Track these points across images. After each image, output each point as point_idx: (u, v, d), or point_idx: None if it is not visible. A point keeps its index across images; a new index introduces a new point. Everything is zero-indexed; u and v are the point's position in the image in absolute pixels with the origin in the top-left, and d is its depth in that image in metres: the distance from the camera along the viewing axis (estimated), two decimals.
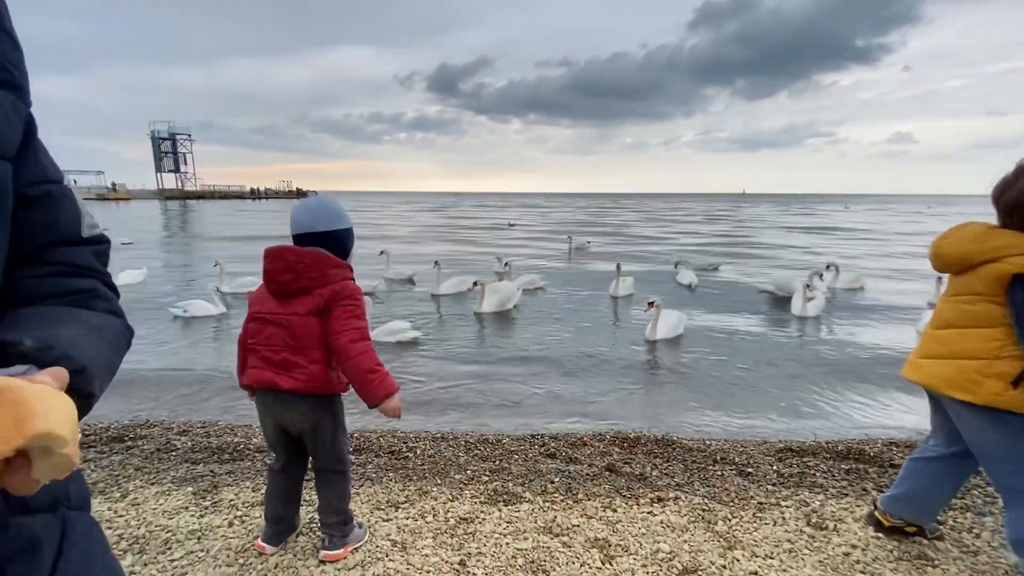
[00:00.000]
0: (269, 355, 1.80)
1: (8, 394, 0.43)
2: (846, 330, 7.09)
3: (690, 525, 2.24)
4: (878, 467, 2.92)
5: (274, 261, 1.78)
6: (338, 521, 1.98)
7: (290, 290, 1.78)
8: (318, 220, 1.82)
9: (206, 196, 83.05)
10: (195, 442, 3.28)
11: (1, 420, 0.42)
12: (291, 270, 1.76)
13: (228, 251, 15.26)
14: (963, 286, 1.72)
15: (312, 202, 1.89)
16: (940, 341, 1.79)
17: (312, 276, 1.77)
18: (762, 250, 17.52)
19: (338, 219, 1.86)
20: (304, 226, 1.82)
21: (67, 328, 0.60)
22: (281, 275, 1.77)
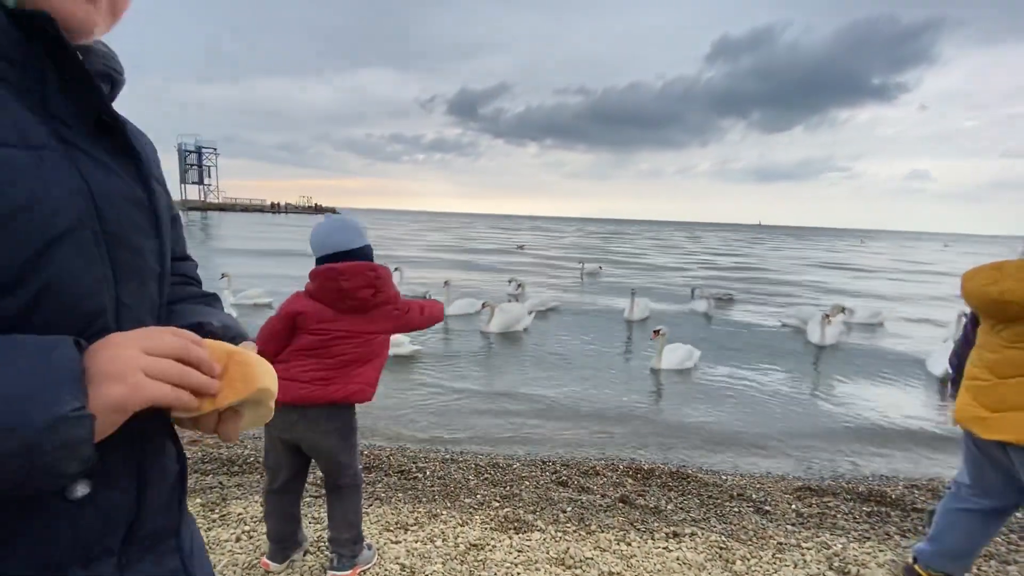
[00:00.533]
0: (327, 369, 1.79)
1: (238, 356, 0.54)
2: (863, 366, 6.95)
3: (707, 563, 2.17)
4: (900, 511, 2.82)
5: (353, 279, 1.79)
6: (350, 538, 1.95)
7: (369, 305, 1.81)
8: (352, 239, 1.85)
9: (227, 208, 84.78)
10: (205, 452, 3.28)
11: (233, 377, 0.53)
12: (371, 286, 1.80)
13: (239, 264, 15.47)
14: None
15: (338, 222, 1.90)
16: (1019, 391, 1.67)
17: (388, 291, 1.84)
18: (778, 286, 17.36)
19: (363, 236, 1.90)
20: (340, 245, 1.84)
21: (226, 317, 0.72)
22: (363, 291, 1.79)
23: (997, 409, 1.71)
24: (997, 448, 1.75)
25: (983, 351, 1.80)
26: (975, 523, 1.90)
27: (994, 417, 1.71)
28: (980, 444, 1.82)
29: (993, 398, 1.72)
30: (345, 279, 1.79)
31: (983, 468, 1.86)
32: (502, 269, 17.48)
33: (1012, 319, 1.67)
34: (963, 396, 1.83)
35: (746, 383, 6.00)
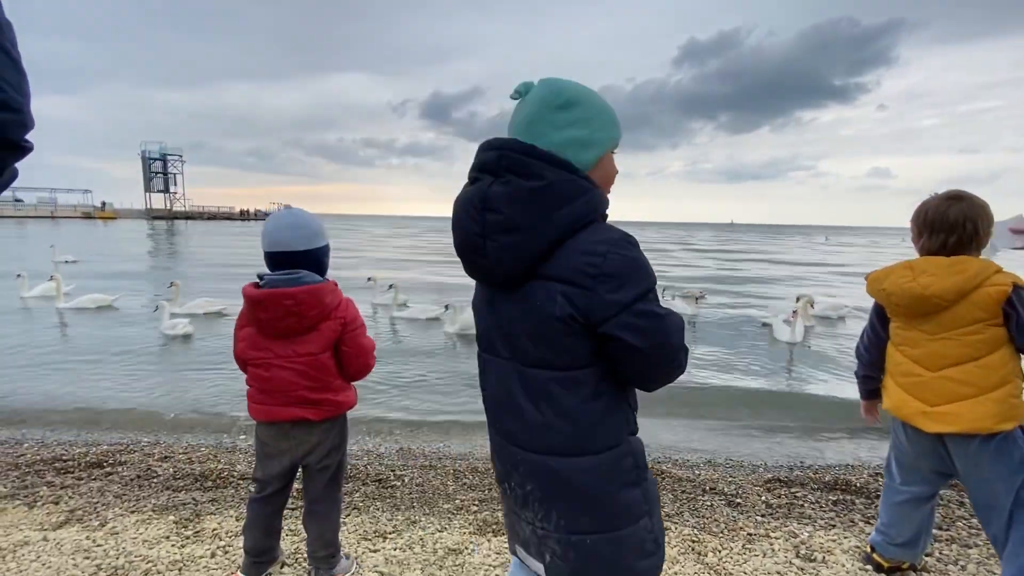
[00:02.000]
0: (289, 396, 1.75)
1: None
2: (830, 358, 7.19)
3: (680, 557, 2.24)
4: (865, 498, 2.94)
5: (268, 309, 1.68)
6: (327, 554, 1.95)
7: (296, 331, 1.73)
8: (297, 239, 1.72)
9: (194, 217, 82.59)
10: (177, 468, 3.21)
11: None
12: (292, 314, 1.69)
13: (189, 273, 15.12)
14: (958, 319, 1.69)
15: (289, 218, 1.76)
16: (960, 380, 1.71)
17: (314, 314, 1.72)
18: (750, 284, 17.79)
19: (317, 237, 1.77)
20: (282, 244, 1.72)
21: None
22: (282, 322, 1.70)
23: (936, 403, 1.77)
24: (934, 439, 1.83)
25: (904, 347, 1.85)
26: (913, 511, 1.99)
27: (936, 411, 1.77)
28: (915, 436, 1.89)
29: (930, 392, 1.78)
30: (261, 310, 1.69)
31: (914, 458, 1.94)
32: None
33: (930, 313, 1.74)
34: (898, 393, 1.88)
35: (719, 379, 6.15)
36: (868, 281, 1.93)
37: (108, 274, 14.65)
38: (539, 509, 1.05)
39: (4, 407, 4.86)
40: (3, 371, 5.94)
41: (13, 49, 1.24)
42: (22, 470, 3.14)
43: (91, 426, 4.45)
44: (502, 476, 1.13)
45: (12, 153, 1.29)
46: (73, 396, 5.21)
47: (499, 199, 0.96)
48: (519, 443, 1.06)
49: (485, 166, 1.00)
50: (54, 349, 7.02)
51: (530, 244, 0.95)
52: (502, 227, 0.95)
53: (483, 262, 1.00)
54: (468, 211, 1.00)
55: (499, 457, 1.13)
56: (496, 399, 1.11)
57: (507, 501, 1.14)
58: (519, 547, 1.15)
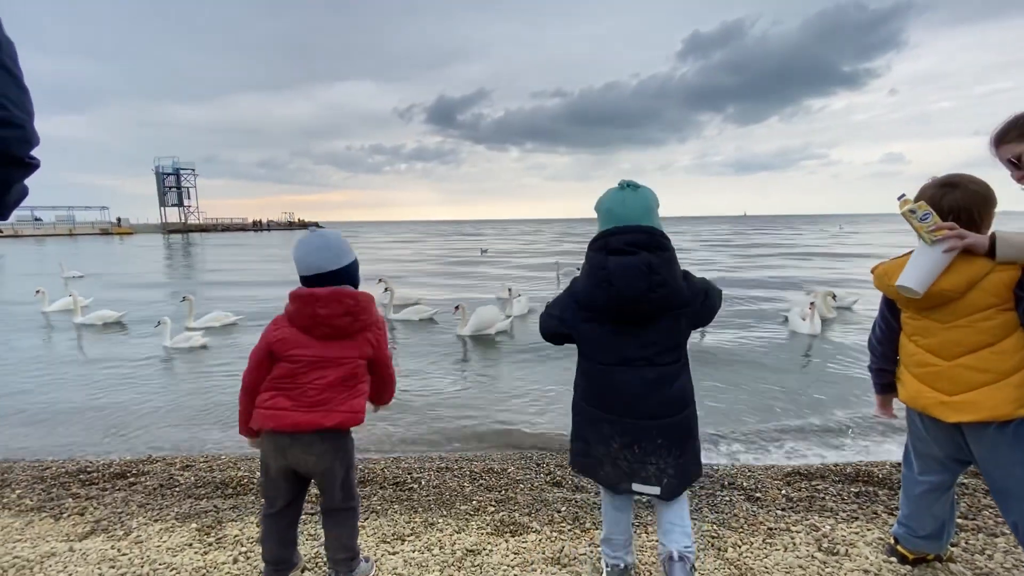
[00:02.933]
0: (309, 397, 1.77)
1: None
2: (846, 349, 7.09)
3: (700, 552, 2.21)
4: (888, 489, 2.89)
5: (330, 305, 1.75)
6: (346, 558, 1.96)
7: (346, 332, 1.79)
8: (329, 259, 1.81)
9: (208, 229, 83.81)
10: (198, 477, 3.26)
11: None
12: (350, 313, 1.77)
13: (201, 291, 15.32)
14: (970, 306, 1.67)
15: (319, 240, 1.84)
16: (977, 368, 1.68)
17: (364, 319, 1.81)
18: (767, 273, 17.59)
19: (346, 254, 1.86)
20: (315, 267, 1.80)
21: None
22: (339, 319, 1.76)
23: (954, 392, 1.73)
24: (951, 427, 1.79)
25: (917, 337, 1.81)
26: (934, 502, 1.96)
27: (954, 400, 1.73)
28: (931, 426, 1.86)
29: (947, 381, 1.74)
30: (322, 306, 1.75)
31: (931, 448, 1.90)
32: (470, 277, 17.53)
33: (941, 304, 1.71)
34: (914, 384, 1.84)
35: (733, 371, 6.09)
36: (875, 275, 1.88)
37: (124, 286, 14.94)
38: (665, 452, 1.67)
39: (27, 419, 4.97)
40: (26, 383, 6.08)
41: (14, 67, 1.26)
42: (48, 482, 3.21)
43: (112, 437, 4.54)
44: (626, 444, 1.68)
45: (18, 169, 1.30)
46: (90, 408, 5.31)
47: (658, 266, 1.56)
48: (656, 415, 1.66)
49: (639, 243, 1.57)
50: (71, 361, 7.17)
51: (675, 296, 1.61)
52: (660, 283, 1.56)
53: (644, 307, 1.58)
54: (635, 272, 1.54)
55: (625, 434, 1.67)
56: (629, 394, 1.65)
57: (624, 462, 1.69)
58: (636, 484, 1.70)
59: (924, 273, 1.66)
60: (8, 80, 1.24)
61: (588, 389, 1.74)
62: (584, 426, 1.78)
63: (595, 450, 1.75)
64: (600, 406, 1.70)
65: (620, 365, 1.65)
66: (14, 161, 1.24)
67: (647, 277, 1.54)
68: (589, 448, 1.77)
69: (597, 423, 1.72)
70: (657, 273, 1.55)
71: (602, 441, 1.72)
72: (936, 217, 1.64)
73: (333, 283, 1.80)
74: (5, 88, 1.22)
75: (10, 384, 6.16)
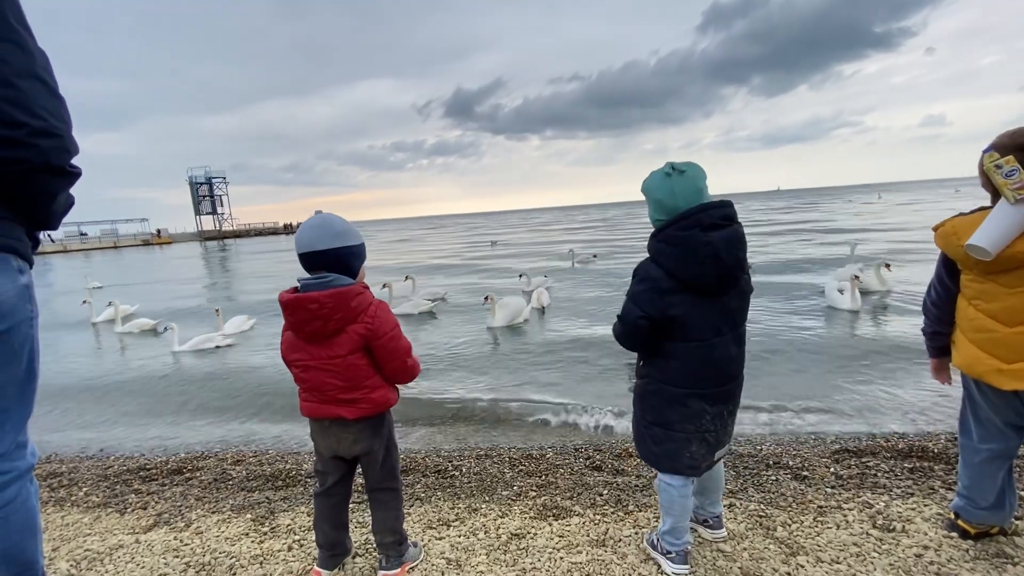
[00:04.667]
0: (326, 395, 1.81)
1: None
2: (888, 322, 6.82)
3: (748, 532, 2.18)
4: (944, 464, 2.78)
5: (295, 313, 1.73)
6: (394, 541, 2.01)
7: (323, 334, 1.76)
8: (319, 237, 1.75)
9: (242, 235, 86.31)
10: (249, 471, 3.39)
11: None
12: (317, 318, 1.72)
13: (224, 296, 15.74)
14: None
15: (314, 220, 1.81)
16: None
17: (339, 317, 1.73)
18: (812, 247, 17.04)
19: (341, 236, 1.78)
20: (306, 244, 1.76)
21: None
22: (308, 325, 1.73)
23: (1013, 360, 1.66)
24: (1009, 394, 1.72)
25: (979, 301, 1.73)
26: (997, 471, 1.88)
27: (1012, 368, 1.66)
28: (989, 392, 1.78)
29: (1006, 348, 1.67)
30: (289, 313, 1.76)
31: (990, 415, 1.83)
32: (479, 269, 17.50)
33: (1012, 268, 1.62)
34: (970, 350, 1.77)
35: (775, 348, 5.94)
36: (939, 234, 1.78)
37: (165, 297, 15.56)
38: (736, 408, 1.87)
39: (86, 423, 5.26)
40: (76, 387, 6.43)
41: (49, 78, 1.27)
42: (111, 480, 3.39)
43: (166, 436, 4.76)
44: (717, 414, 1.79)
45: (60, 178, 1.32)
46: (140, 409, 5.58)
47: (744, 235, 1.70)
48: (736, 375, 1.81)
49: (731, 216, 1.67)
50: (112, 369, 7.53)
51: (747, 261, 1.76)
52: (746, 251, 1.72)
53: (738, 273, 1.69)
54: (736, 243, 1.65)
55: (716, 403, 1.77)
56: (723, 362, 1.74)
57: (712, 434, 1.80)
58: (719, 452, 1.86)
59: (1001, 233, 1.57)
60: (44, 91, 1.24)
61: (679, 369, 1.75)
62: (665, 409, 1.79)
63: (681, 430, 1.78)
64: (694, 383, 1.75)
65: (716, 336, 1.72)
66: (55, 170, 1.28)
67: (741, 245, 1.68)
68: (672, 432, 1.80)
69: (685, 401, 1.76)
70: (744, 240, 1.70)
71: (691, 418, 1.76)
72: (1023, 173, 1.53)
73: (322, 266, 1.77)
74: (42, 99, 1.23)
75: (62, 388, 6.52)
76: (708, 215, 1.63)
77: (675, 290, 1.66)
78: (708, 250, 1.60)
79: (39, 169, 1.24)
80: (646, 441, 1.89)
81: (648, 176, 1.75)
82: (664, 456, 1.84)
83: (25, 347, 1.32)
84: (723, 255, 1.61)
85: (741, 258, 1.68)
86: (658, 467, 1.89)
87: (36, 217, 1.34)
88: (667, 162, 1.72)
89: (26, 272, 1.33)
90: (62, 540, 2.52)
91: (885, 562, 1.93)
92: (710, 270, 1.62)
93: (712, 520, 2.12)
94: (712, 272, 1.63)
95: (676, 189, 1.65)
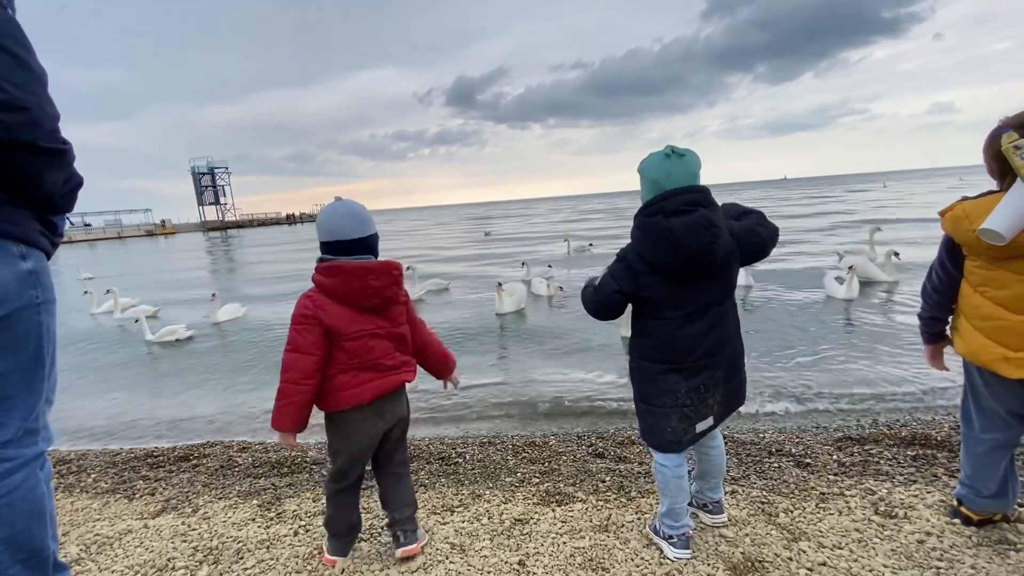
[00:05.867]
0: (388, 364, 1.89)
1: None
2: (888, 311, 6.79)
3: (750, 518, 2.19)
4: (948, 451, 2.78)
5: (382, 277, 1.81)
6: (411, 514, 2.06)
7: (392, 302, 1.88)
8: (355, 227, 1.80)
9: (245, 225, 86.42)
10: (255, 458, 3.42)
11: None
12: (396, 283, 1.86)
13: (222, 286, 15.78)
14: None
15: (342, 208, 1.82)
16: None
17: (401, 286, 1.91)
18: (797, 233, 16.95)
19: (370, 224, 1.87)
20: (340, 234, 1.79)
21: None
22: (388, 289, 1.83)
23: (1020, 348, 1.64)
24: (1015, 383, 1.70)
25: (986, 288, 1.70)
26: (999, 460, 1.88)
27: (1019, 356, 1.64)
28: (993, 381, 1.77)
29: (1014, 336, 1.65)
30: (375, 278, 1.79)
31: (993, 404, 1.82)
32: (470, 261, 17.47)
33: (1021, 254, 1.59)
34: (976, 337, 1.75)
35: (776, 337, 5.93)
36: (947, 217, 1.74)
37: (164, 286, 15.62)
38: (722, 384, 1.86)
39: (93, 413, 5.31)
40: (82, 378, 6.48)
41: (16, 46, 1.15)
42: (119, 467, 3.43)
43: (172, 424, 4.80)
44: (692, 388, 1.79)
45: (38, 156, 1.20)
46: (146, 397, 5.63)
47: (716, 220, 1.67)
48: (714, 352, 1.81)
49: (698, 201, 1.66)
50: (116, 357, 7.58)
51: (730, 243, 1.74)
52: (719, 235, 1.67)
53: (710, 260, 1.68)
54: (698, 229, 1.62)
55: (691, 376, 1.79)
56: (695, 338, 1.76)
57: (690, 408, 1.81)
58: (699, 424, 1.85)
59: (1017, 218, 1.51)
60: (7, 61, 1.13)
61: (652, 346, 1.81)
62: (647, 385, 1.85)
63: (660, 404, 1.82)
64: (667, 359, 1.79)
65: (686, 317, 1.76)
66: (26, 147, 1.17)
67: (709, 231, 1.64)
68: (652, 408, 1.84)
69: (663, 376, 1.80)
70: (716, 226, 1.66)
71: (667, 393, 1.80)
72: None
73: (358, 251, 1.81)
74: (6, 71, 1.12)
75: (71, 380, 6.57)
76: (672, 202, 1.65)
77: (647, 272, 1.73)
78: (667, 236, 1.64)
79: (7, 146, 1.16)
80: (638, 418, 1.95)
81: (647, 156, 1.77)
82: (648, 431, 1.90)
83: (31, 333, 1.30)
84: (684, 241, 1.63)
85: (707, 243, 1.64)
86: (647, 443, 1.95)
87: (33, 198, 1.28)
88: (667, 144, 1.79)
89: (31, 257, 1.30)
90: (72, 525, 2.55)
91: (887, 548, 1.94)
92: (672, 256, 1.66)
93: (712, 505, 2.14)
94: (674, 258, 1.66)
95: (673, 171, 1.68)
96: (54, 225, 1.38)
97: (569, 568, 1.93)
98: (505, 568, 1.96)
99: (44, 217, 1.34)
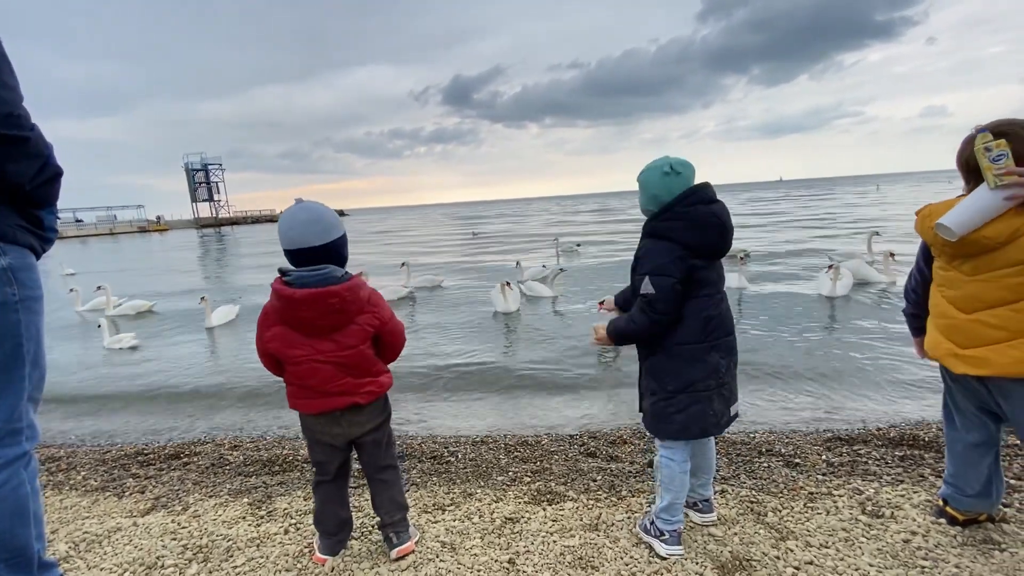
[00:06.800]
0: (329, 388, 1.80)
1: None
2: (878, 310, 6.85)
3: (739, 517, 2.21)
4: (935, 452, 2.81)
5: (313, 307, 1.69)
6: (402, 516, 2.05)
7: (332, 328, 1.75)
8: (313, 234, 1.72)
9: (238, 222, 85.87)
10: (246, 456, 3.41)
11: None
12: (336, 312, 1.72)
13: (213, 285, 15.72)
14: (1000, 260, 1.60)
15: (302, 214, 1.73)
16: (992, 324, 1.64)
17: (354, 309, 1.76)
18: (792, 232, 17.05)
19: (332, 229, 1.76)
20: (299, 242, 1.72)
21: None
22: (324, 319, 1.72)
23: (966, 345, 1.71)
24: (975, 380, 1.76)
25: (943, 288, 1.78)
26: (980, 458, 1.91)
27: (965, 354, 1.72)
28: (956, 378, 1.84)
29: (962, 335, 1.72)
30: (304, 309, 1.69)
31: (963, 400, 1.88)
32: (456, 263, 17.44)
33: (975, 253, 1.64)
34: (933, 334, 1.85)
35: (766, 338, 5.97)
36: (919, 217, 1.82)
37: (157, 282, 15.52)
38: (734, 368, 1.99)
39: (82, 411, 5.27)
40: (72, 376, 6.43)
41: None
42: (109, 464, 3.40)
43: (163, 421, 4.77)
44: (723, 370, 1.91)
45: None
46: (135, 395, 5.59)
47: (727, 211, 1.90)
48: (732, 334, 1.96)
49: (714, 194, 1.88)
50: (106, 355, 7.52)
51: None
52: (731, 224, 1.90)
53: (725, 245, 1.89)
54: (724, 218, 1.86)
55: (729, 353, 1.94)
56: (725, 315, 1.93)
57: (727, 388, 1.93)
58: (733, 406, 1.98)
59: (971, 215, 1.58)
60: None
61: (692, 326, 1.88)
62: (687, 369, 1.88)
63: (705, 387, 1.87)
64: (707, 335, 1.88)
65: (720, 294, 1.94)
66: None
67: (729, 216, 1.90)
68: (697, 393, 1.88)
69: (704, 356, 1.88)
70: (728, 216, 1.90)
71: (712, 374, 1.88)
72: (1011, 160, 1.53)
73: (318, 259, 1.74)
74: None
75: (61, 377, 6.52)
76: (705, 192, 1.87)
77: (689, 257, 1.85)
78: (715, 220, 1.84)
79: None
80: (668, 415, 1.90)
81: (646, 170, 1.91)
82: (691, 421, 1.89)
83: (6, 332, 1.26)
84: (727, 222, 1.86)
85: (732, 225, 1.91)
86: (683, 436, 1.92)
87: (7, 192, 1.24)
88: (665, 157, 1.89)
89: (8, 253, 1.26)
90: (61, 523, 2.54)
91: (873, 547, 1.96)
92: (717, 237, 1.85)
93: (702, 504, 2.16)
94: (719, 239, 1.86)
95: (673, 187, 1.86)
96: (39, 219, 1.34)
97: (559, 566, 1.94)
98: (495, 566, 1.96)
99: (27, 212, 1.31)
